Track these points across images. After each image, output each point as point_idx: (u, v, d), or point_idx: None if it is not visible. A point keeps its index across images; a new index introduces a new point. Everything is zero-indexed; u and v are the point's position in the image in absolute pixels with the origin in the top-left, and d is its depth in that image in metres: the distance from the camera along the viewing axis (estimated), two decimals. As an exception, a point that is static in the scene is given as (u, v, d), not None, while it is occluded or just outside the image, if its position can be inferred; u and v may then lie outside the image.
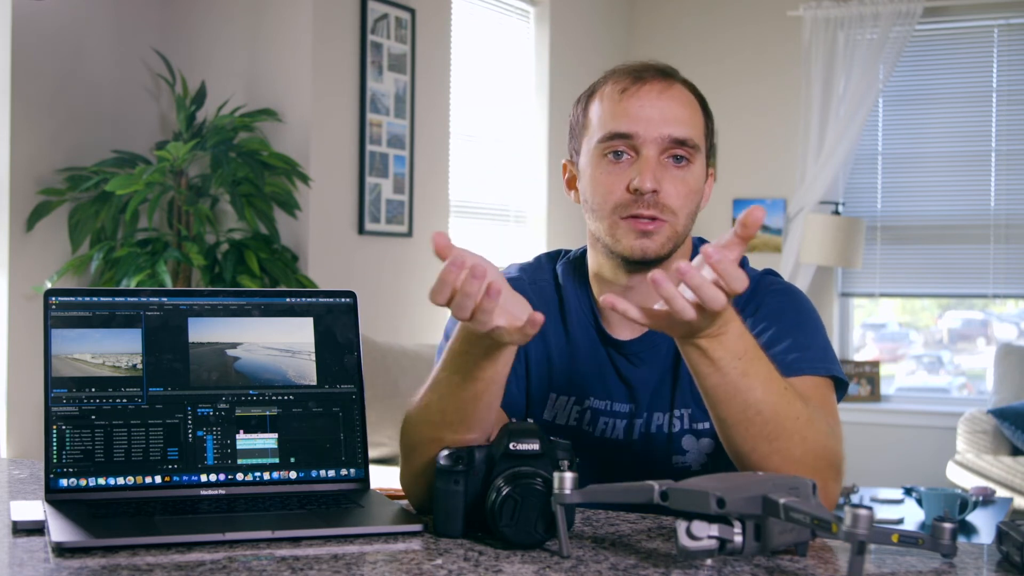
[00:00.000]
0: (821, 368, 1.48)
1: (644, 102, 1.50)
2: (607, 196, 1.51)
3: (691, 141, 1.50)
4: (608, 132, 1.51)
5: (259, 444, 1.41)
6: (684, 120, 1.51)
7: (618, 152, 1.50)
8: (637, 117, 1.49)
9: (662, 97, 1.50)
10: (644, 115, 1.49)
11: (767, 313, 1.52)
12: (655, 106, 1.50)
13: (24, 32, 3.65)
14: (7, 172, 3.62)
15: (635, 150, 1.50)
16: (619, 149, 1.50)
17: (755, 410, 1.30)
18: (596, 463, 1.56)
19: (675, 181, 1.50)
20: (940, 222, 5.88)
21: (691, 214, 1.53)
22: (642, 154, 1.49)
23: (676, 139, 1.49)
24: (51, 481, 1.34)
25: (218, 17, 4.22)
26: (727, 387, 1.30)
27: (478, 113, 5.20)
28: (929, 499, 3.79)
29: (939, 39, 5.92)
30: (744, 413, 1.30)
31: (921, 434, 5.74)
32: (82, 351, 1.38)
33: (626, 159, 1.50)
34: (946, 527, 1.15)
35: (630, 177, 1.49)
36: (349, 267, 4.28)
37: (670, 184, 1.49)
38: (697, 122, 1.53)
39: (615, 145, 1.50)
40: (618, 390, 1.58)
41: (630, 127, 1.49)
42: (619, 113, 1.50)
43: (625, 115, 1.50)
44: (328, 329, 1.47)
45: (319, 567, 1.13)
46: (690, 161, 1.51)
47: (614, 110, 1.51)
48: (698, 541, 1.12)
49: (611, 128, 1.51)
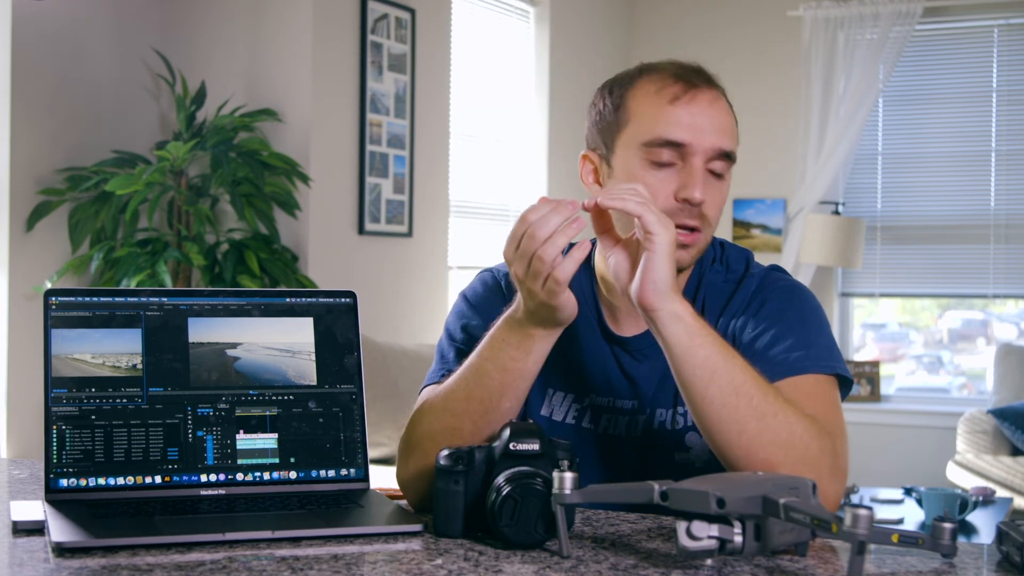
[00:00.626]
0: (825, 366, 1.47)
1: (696, 110, 1.48)
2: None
3: (734, 154, 1.51)
4: (659, 138, 1.48)
5: (259, 444, 1.41)
6: (731, 131, 1.50)
7: (662, 157, 1.48)
8: (691, 126, 1.47)
9: (714, 107, 1.49)
10: (697, 124, 1.47)
11: (771, 310, 1.51)
12: (707, 115, 1.48)
13: (24, 32, 3.65)
14: (7, 172, 3.62)
15: (682, 158, 1.48)
16: (668, 159, 1.48)
17: (740, 381, 1.31)
18: (597, 460, 1.56)
19: (714, 192, 1.49)
20: (940, 222, 5.88)
21: (718, 221, 1.54)
22: (691, 163, 1.47)
23: (725, 151, 1.49)
24: (51, 481, 1.34)
25: (218, 17, 4.22)
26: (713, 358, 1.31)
27: (478, 113, 5.20)
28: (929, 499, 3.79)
29: (939, 39, 5.92)
30: (732, 385, 1.31)
31: (921, 434, 5.74)
32: (82, 351, 1.38)
33: (673, 166, 1.48)
34: (946, 527, 1.15)
35: (676, 185, 1.48)
36: (349, 267, 4.28)
37: (711, 195, 1.49)
38: (737, 133, 1.53)
39: (664, 152, 1.48)
40: (621, 386, 1.57)
41: (684, 136, 1.47)
42: (672, 120, 1.48)
43: (678, 123, 1.47)
44: (328, 329, 1.47)
45: (319, 567, 1.13)
46: (726, 173, 1.52)
47: (666, 116, 1.48)
48: (698, 541, 1.12)
49: (662, 134, 1.47)
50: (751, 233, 6.05)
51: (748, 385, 1.32)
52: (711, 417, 1.32)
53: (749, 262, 1.60)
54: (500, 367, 1.34)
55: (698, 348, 1.31)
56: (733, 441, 1.31)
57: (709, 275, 1.57)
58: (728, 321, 1.53)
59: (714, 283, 1.57)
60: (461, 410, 1.36)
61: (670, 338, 1.32)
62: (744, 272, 1.57)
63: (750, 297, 1.53)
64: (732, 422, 1.31)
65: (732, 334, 1.51)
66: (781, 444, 1.31)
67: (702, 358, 1.31)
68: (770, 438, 1.31)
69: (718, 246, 1.61)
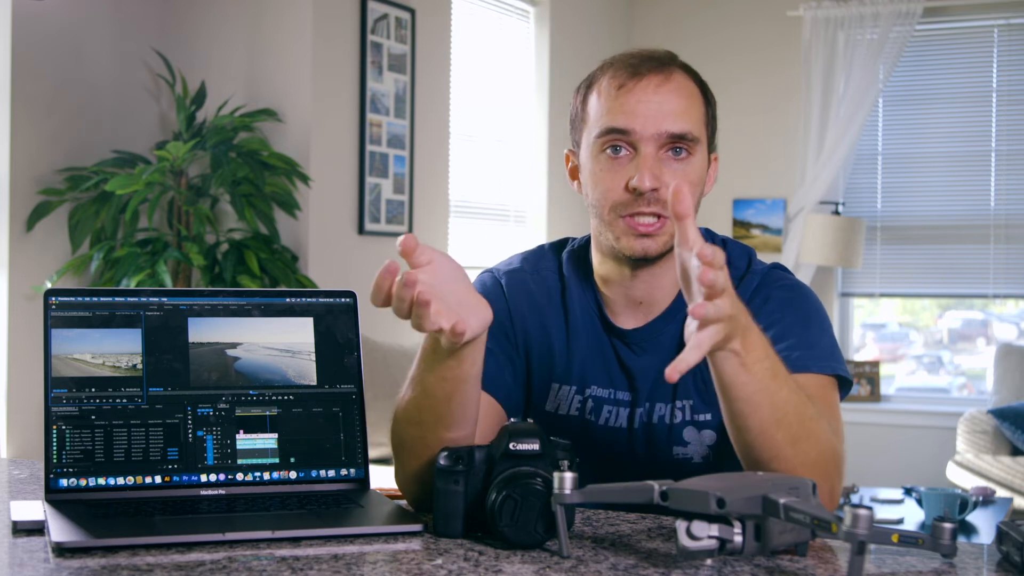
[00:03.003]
0: (826, 367, 1.47)
1: (640, 97, 1.48)
2: (606, 194, 1.50)
3: (690, 135, 1.49)
4: (605, 127, 1.49)
5: (259, 444, 1.41)
6: (681, 113, 1.49)
7: (616, 147, 1.49)
8: (634, 113, 1.48)
9: (659, 91, 1.49)
10: (640, 111, 1.48)
11: (773, 308, 1.51)
12: (652, 101, 1.48)
13: (24, 32, 3.65)
14: (7, 172, 3.62)
15: (633, 146, 1.48)
16: (617, 144, 1.49)
17: (783, 411, 1.29)
18: (600, 453, 1.56)
19: (675, 175, 1.48)
20: (940, 222, 5.88)
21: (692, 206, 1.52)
22: (640, 151, 1.48)
23: (674, 134, 1.48)
24: (51, 481, 1.34)
25: (218, 17, 4.22)
26: (760, 391, 1.27)
27: (478, 113, 5.20)
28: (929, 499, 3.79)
29: (939, 39, 5.92)
30: (773, 416, 1.29)
31: (921, 434, 5.74)
32: (82, 351, 1.38)
33: (625, 155, 1.49)
34: (946, 527, 1.15)
35: (629, 175, 1.48)
36: (349, 267, 4.28)
37: (671, 178, 1.47)
38: (696, 112, 1.51)
39: (612, 140, 1.49)
40: (619, 378, 1.57)
41: (627, 123, 1.48)
42: (616, 108, 1.49)
43: (621, 111, 1.48)
44: (328, 329, 1.47)
45: (319, 567, 1.13)
46: (690, 153, 1.50)
47: (611, 105, 1.50)
48: (698, 541, 1.12)
49: (607, 123, 1.49)
50: (751, 233, 6.05)
51: (789, 415, 1.30)
52: (748, 442, 1.32)
53: (751, 259, 1.60)
54: (439, 377, 1.31)
55: (745, 385, 1.27)
56: (765, 464, 1.32)
57: None
58: None
59: None
60: (418, 420, 1.35)
61: (721, 373, 1.28)
62: (746, 269, 1.57)
63: (751, 295, 1.53)
64: (768, 449, 1.31)
65: None
66: (810, 464, 1.32)
67: (749, 392, 1.28)
68: (801, 460, 1.32)
69: (720, 242, 1.61)
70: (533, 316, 1.61)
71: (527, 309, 1.61)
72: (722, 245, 1.60)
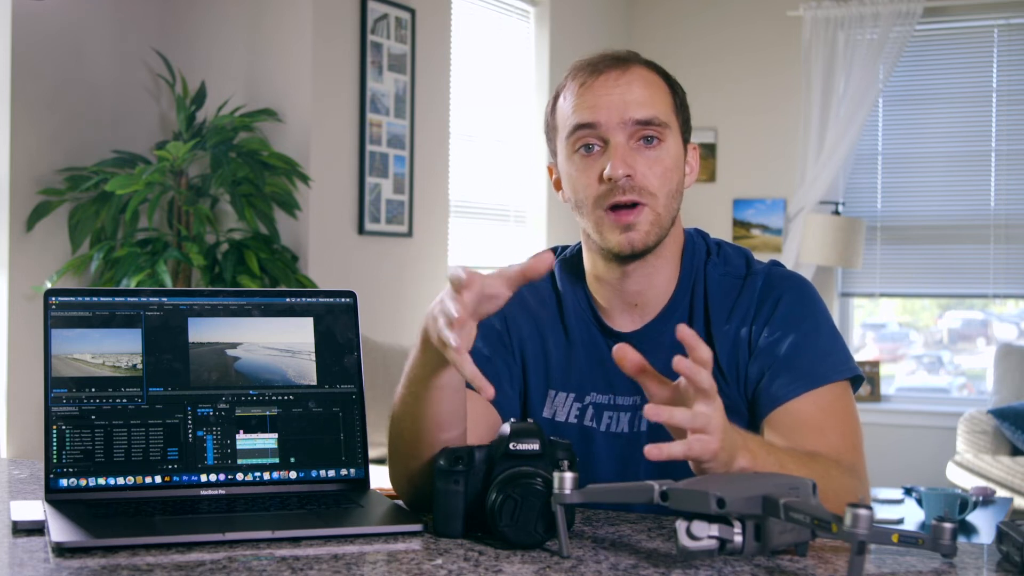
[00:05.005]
0: (845, 370, 1.50)
1: (601, 91, 1.50)
2: (585, 190, 1.52)
3: (657, 119, 1.50)
4: (572, 125, 1.52)
5: (259, 444, 1.41)
6: (645, 100, 1.51)
7: (588, 145, 1.51)
8: (596, 106, 1.50)
9: (619, 82, 1.51)
10: (603, 103, 1.50)
11: (784, 314, 1.52)
12: (613, 93, 1.50)
13: (24, 32, 3.65)
14: (7, 172, 3.62)
15: (604, 140, 1.50)
16: (588, 142, 1.51)
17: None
18: (603, 459, 1.56)
19: (649, 162, 1.50)
20: (940, 222, 5.88)
21: (672, 193, 1.52)
22: (610, 142, 1.50)
23: (640, 120, 1.50)
24: (51, 481, 1.34)
25: (218, 17, 4.22)
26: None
27: (478, 113, 5.20)
28: (929, 499, 3.79)
29: (939, 39, 5.92)
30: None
31: (921, 434, 5.74)
32: (82, 351, 1.38)
33: (597, 151, 1.51)
34: (946, 527, 1.15)
35: (602, 167, 1.49)
36: (349, 267, 4.28)
37: (644, 165, 1.49)
38: (661, 99, 1.53)
39: (582, 137, 1.51)
40: (621, 382, 1.57)
41: (592, 116, 1.50)
42: (580, 105, 1.51)
43: (585, 106, 1.51)
44: (328, 329, 1.47)
45: (319, 567, 1.13)
46: (661, 140, 1.51)
47: (576, 103, 1.52)
48: (698, 541, 1.12)
49: (574, 121, 1.51)
50: (751, 233, 6.05)
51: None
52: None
53: (749, 260, 1.60)
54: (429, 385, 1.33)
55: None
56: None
57: (710, 269, 1.58)
58: (738, 327, 1.53)
59: (716, 278, 1.57)
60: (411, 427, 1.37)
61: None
62: (747, 271, 1.58)
63: (758, 297, 1.54)
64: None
65: (745, 340, 1.52)
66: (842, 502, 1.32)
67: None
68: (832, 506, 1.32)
69: (714, 244, 1.61)
70: (528, 323, 1.61)
71: (522, 316, 1.62)
72: (716, 246, 1.61)
